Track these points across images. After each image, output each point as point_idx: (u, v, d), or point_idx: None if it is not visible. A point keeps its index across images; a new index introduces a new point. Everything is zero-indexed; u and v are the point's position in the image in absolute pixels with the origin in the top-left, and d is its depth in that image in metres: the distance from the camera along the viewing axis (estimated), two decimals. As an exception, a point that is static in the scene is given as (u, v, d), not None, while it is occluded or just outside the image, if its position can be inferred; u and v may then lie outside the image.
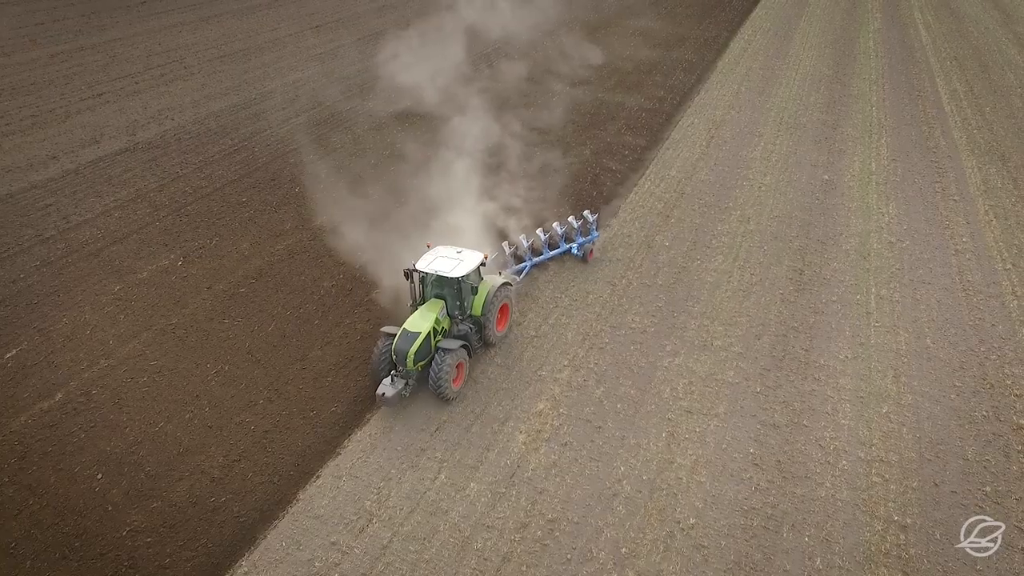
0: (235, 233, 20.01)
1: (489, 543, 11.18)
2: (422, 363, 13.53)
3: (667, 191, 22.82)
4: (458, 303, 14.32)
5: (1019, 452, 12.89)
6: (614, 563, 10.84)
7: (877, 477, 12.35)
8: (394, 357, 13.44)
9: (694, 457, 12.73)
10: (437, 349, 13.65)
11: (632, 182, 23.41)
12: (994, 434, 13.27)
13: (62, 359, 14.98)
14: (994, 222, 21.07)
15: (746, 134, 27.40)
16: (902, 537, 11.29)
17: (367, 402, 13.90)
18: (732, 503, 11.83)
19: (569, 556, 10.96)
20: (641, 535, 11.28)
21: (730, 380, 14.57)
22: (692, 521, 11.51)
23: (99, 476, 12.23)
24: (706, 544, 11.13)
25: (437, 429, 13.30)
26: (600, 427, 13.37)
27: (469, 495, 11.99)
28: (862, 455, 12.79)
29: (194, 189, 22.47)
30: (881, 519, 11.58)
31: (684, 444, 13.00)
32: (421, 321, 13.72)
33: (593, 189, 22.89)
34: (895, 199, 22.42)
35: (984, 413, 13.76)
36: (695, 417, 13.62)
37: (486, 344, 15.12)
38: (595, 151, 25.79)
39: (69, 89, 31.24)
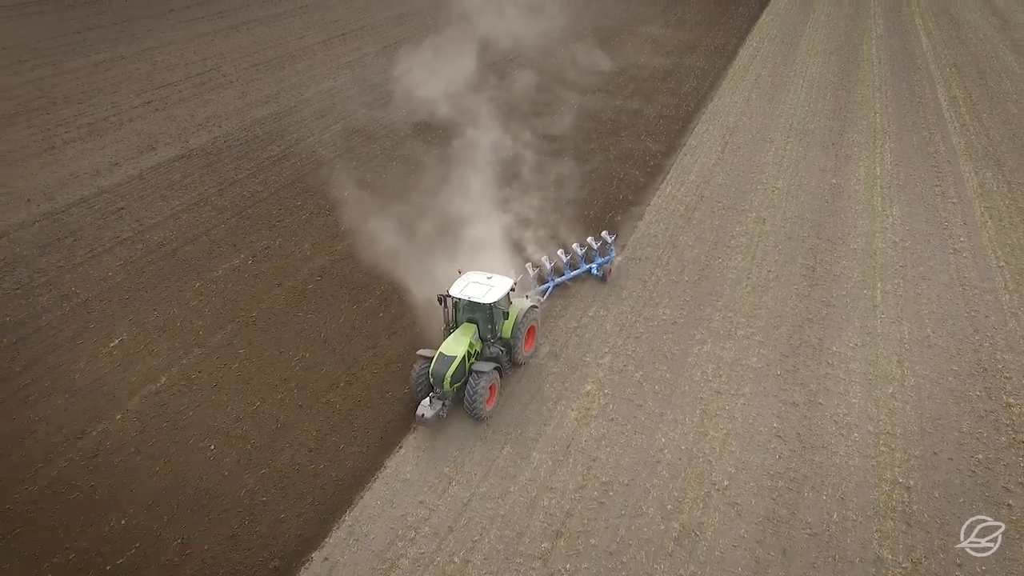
0: (295, 234, 21.90)
1: (553, 502, 13.08)
2: (457, 384, 14.50)
3: (687, 195, 24.71)
4: (489, 326, 15.19)
5: (1007, 426, 14.78)
6: (661, 517, 12.75)
7: (884, 447, 14.25)
8: (431, 380, 14.29)
9: (725, 430, 14.64)
10: (471, 372, 14.55)
11: (654, 187, 25.28)
12: (986, 411, 15.16)
13: (160, 347, 16.89)
14: (989, 223, 22.95)
15: (758, 140, 29.28)
16: (905, 496, 13.19)
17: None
18: (760, 468, 13.74)
19: (622, 512, 12.86)
20: (683, 494, 13.19)
21: (753, 365, 16.47)
22: (726, 483, 13.42)
23: (212, 447, 14.13)
24: (739, 502, 13.03)
25: (499, 409, 15.18)
26: (641, 405, 15.28)
27: (532, 462, 13.90)
28: (871, 428, 14.69)
29: (251, 193, 24.36)
30: (888, 481, 13.48)
31: (715, 419, 14.90)
32: (456, 345, 14.63)
33: (619, 193, 24.80)
34: (898, 202, 24.29)
35: (977, 393, 15.65)
36: (724, 397, 15.52)
37: (515, 364, 15.96)
38: (617, 157, 27.68)
39: (118, 97, 33.09)
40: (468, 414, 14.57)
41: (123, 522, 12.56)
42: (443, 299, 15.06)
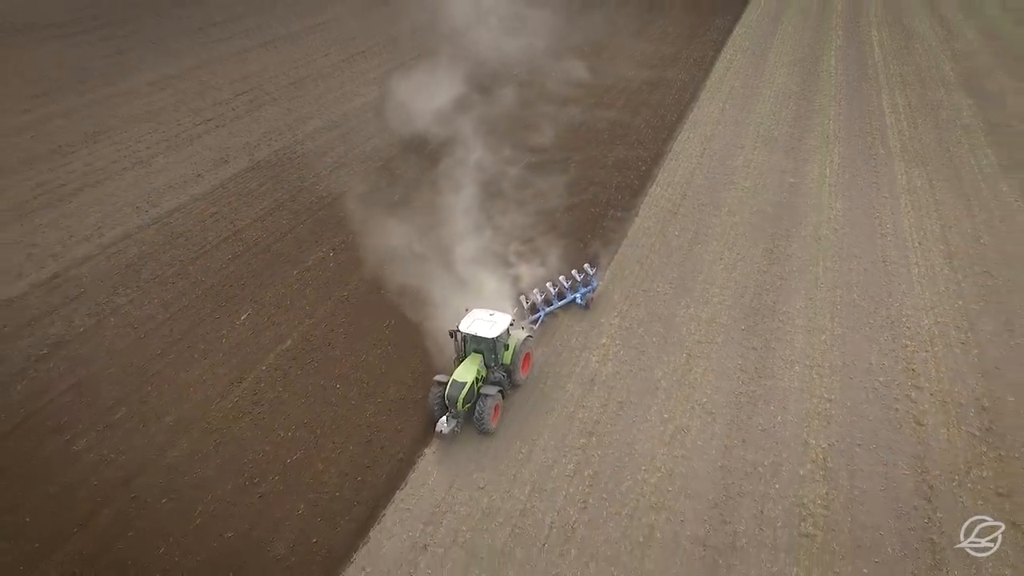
0: (363, 232, 27.15)
1: (585, 415, 18.71)
2: (468, 405, 17.65)
3: (673, 194, 30.44)
4: (493, 356, 18.26)
5: (903, 359, 20.61)
6: (660, 423, 18.42)
7: (815, 375, 20.05)
8: (447, 402, 17.35)
9: (703, 367, 20.37)
10: (479, 394, 17.64)
11: (645, 190, 30.95)
12: (890, 349, 21.03)
13: (279, 319, 22.27)
14: (911, 213, 28.92)
15: (731, 146, 35.07)
16: (827, 406, 18.94)
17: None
18: (728, 391, 19.48)
19: (632, 420, 18.51)
20: (675, 409, 18.89)
21: (723, 322, 22.23)
22: (704, 400, 19.15)
23: (337, 386, 19.58)
24: (713, 412, 18.76)
25: (540, 356, 20.76)
26: (643, 351, 20.96)
27: (567, 391, 19.52)
28: (807, 363, 20.49)
29: (318, 199, 29.66)
30: (816, 397, 19.27)
31: (697, 360, 20.62)
32: (466, 372, 17.74)
33: (617, 195, 30.44)
34: (842, 197, 30.19)
35: (885, 338, 21.53)
36: (702, 344, 21.25)
37: (514, 386, 19.04)
38: (614, 164, 33.32)
39: (179, 115, 38.10)
40: (476, 430, 17.74)
41: (288, 434, 18.02)
42: (454, 333, 18.37)
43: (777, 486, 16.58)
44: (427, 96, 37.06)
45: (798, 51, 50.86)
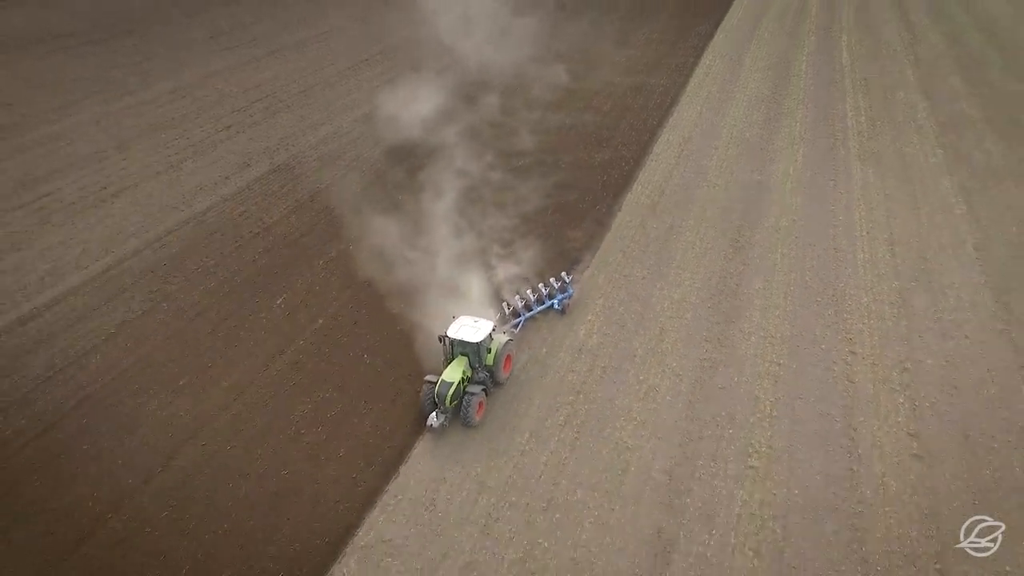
0: (378, 227, 30.49)
1: (574, 377, 22.29)
2: (455, 402, 19.93)
3: (652, 192, 34.08)
4: (477, 358, 20.50)
5: (843, 329, 24.29)
6: (637, 383, 22.02)
7: (768, 345, 23.71)
8: (436, 399, 19.61)
9: (674, 338, 24.01)
10: (465, 393, 19.94)
11: (628, 187, 34.57)
12: (833, 321, 24.71)
13: (310, 302, 25.75)
14: (862, 206, 32.66)
15: (706, 148, 38.75)
16: (777, 368, 22.62)
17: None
18: (694, 358, 23.12)
19: (614, 382, 22.08)
20: (648, 372, 22.49)
21: (693, 301, 25.89)
22: (674, 365, 22.78)
23: (365, 357, 23.11)
24: (680, 374, 22.38)
25: (534, 328, 24.34)
26: (623, 326, 24.59)
27: (559, 358, 23.09)
28: (762, 334, 24.16)
29: (335, 198, 33.05)
30: (768, 362, 22.89)
31: (668, 332, 24.27)
32: (453, 373, 19.92)
33: (603, 192, 34.04)
34: (802, 194, 33.90)
35: (829, 313, 25.22)
36: (674, 320, 24.90)
37: (497, 385, 21.27)
38: (600, 164, 36.94)
39: (200, 123, 41.39)
40: (462, 424, 19.97)
41: (326, 395, 21.54)
42: (442, 338, 20.75)
43: (731, 431, 20.25)
44: (428, 104, 40.52)
45: (772, 56, 54.63)
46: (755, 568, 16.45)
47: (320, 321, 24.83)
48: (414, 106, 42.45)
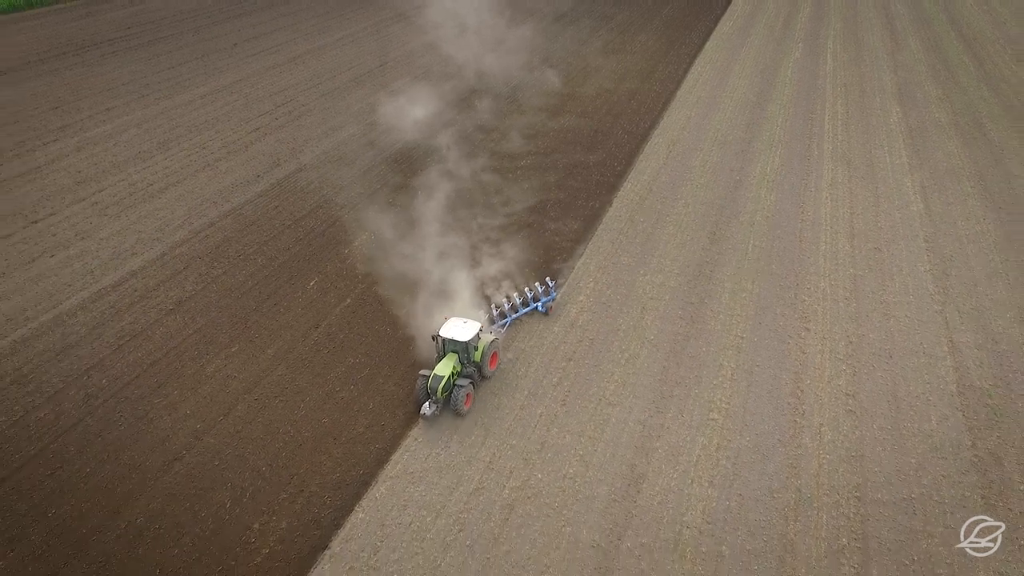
0: (399, 218, 34.48)
1: (566, 347, 26.14)
2: (446, 393, 22.40)
3: (641, 188, 37.89)
4: (466, 355, 23.02)
5: (800, 310, 28.08)
6: (620, 351, 25.85)
7: (734, 322, 27.49)
8: (429, 391, 22.15)
9: (654, 316, 27.84)
10: (455, 385, 22.48)
11: (619, 185, 38.40)
12: (792, 303, 28.46)
13: (339, 284, 29.68)
14: (829, 203, 36.37)
15: (692, 149, 42.50)
16: (740, 341, 26.42)
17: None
18: (670, 332, 26.96)
19: (601, 351, 25.94)
20: (630, 344, 26.33)
21: (671, 285, 29.71)
22: (652, 338, 26.62)
23: (388, 330, 27.03)
24: (658, 346, 26.22)
25: (533, 312, 28.23)
26: (609, 306, 28.44)
27: (554, 332, 26.94)
28: (729, 313, 27.94)
29: (357, 194, 36.98)
30: (734, 336, 26.68)
31: (649, 312, 28.11)
32: (445, 368, 22.47)
33: (597, 189, 37.86)
34: (776, 192, 37.63)
35: (790, 295, 28.96)
36: (655, 300, 28.73)
37: (484, 378, 23.86)
38: (596, 163, 40.75)
39: (232, 124, 45.39)
40: (452, 413, 22.63)
41: (357, 360, 25.47)
42: (435, 337, 23.36)
43: (696, 391, 24.10)
44: (438, 108, 44.47)
45: (760, 62, 58.23)
46: (709, 496, 20.30)
47: (348, 300, 28.80)
48: (420, 111, 46.35)
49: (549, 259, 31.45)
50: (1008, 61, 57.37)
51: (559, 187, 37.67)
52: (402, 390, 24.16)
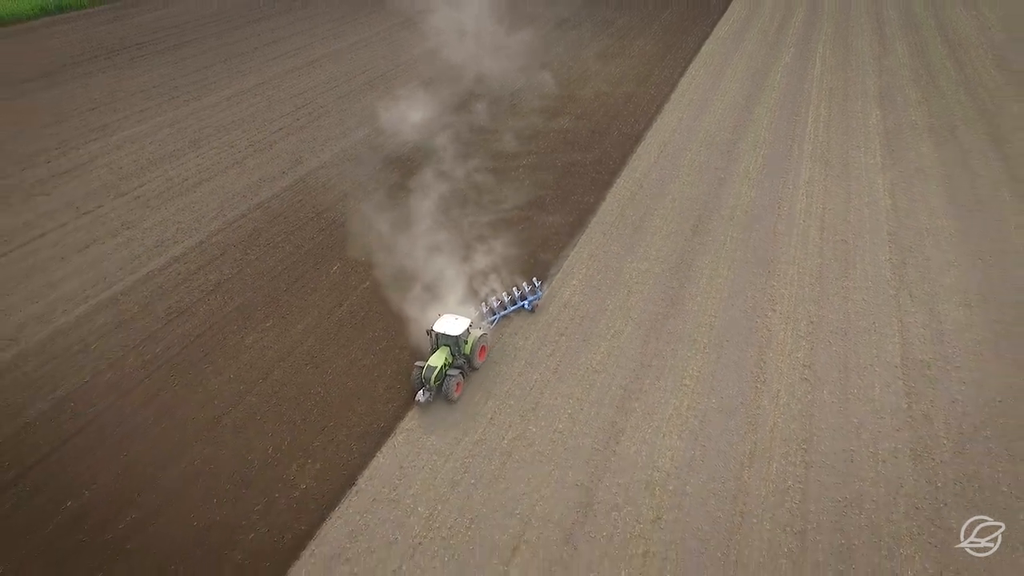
0: (416, 208, 37.90)
1: (560, 324, 29.69)
2: (438, 382, 24.82)
3: (632, 185, 41.35)
4: (457, 348, 25.42)
5: (769, 294, 31.49)
6: (606, 328, 29.39)
7: (709, 303, 30.92)
8: (423, 379, 24.58)
9: (638, 298, 31.31)
10: (446, 375, 24.95)
11: (613, 182, 41.86)
12: (763, 288, 31.84)
13: (359, 269, 33.30)
14: (804, 199, 39.71)
15: (681, 149, 45.91)
16: (713, 319, 29.89)
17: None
18: (652, 312, 30.44)
19: (591, 327, 29.45)
20: (616, 321, 29.84)
21: (655, 271, 33.19)
22: (635, 316, 30.13)
23: (403, 306, 30.64)
24: (642, 325, 29.73)
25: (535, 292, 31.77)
26: (599, 289, 31.95)
27: (550, 312, 30.47)
28: (705, 295, 31.39)
29: (373, 189, 40.58)
30: (708, 315, 30.15)
31: (634, 294, 31.57)
32: (437, 359, 24.87)
33: (593, 185, 41.34)
34: (756, 188, 40.98)
35: (761, 281, 32.35)
36: (639, 284, 32.21)
37: (472, 369, 26.38)
38: (592, 161, 44.23)
39: (257, 125, 49.12)
40: (444, 399, 25.25)
41: (376, 334, 29.05)
42: (429, 332, 25.83)
43: (672, 362, 27.59)
44: (441, 111, 48.02)
45: (752, 67, 61.46)
46: (677, 446, 23.81)
47: (367, 283, 32.45)
48: (426, 114, 49.84)
49: (546, 248, 35.00)
50: (988, 66, 60.36)
51: (556, 184, 41.19)
52: (416, 359, 27.80)
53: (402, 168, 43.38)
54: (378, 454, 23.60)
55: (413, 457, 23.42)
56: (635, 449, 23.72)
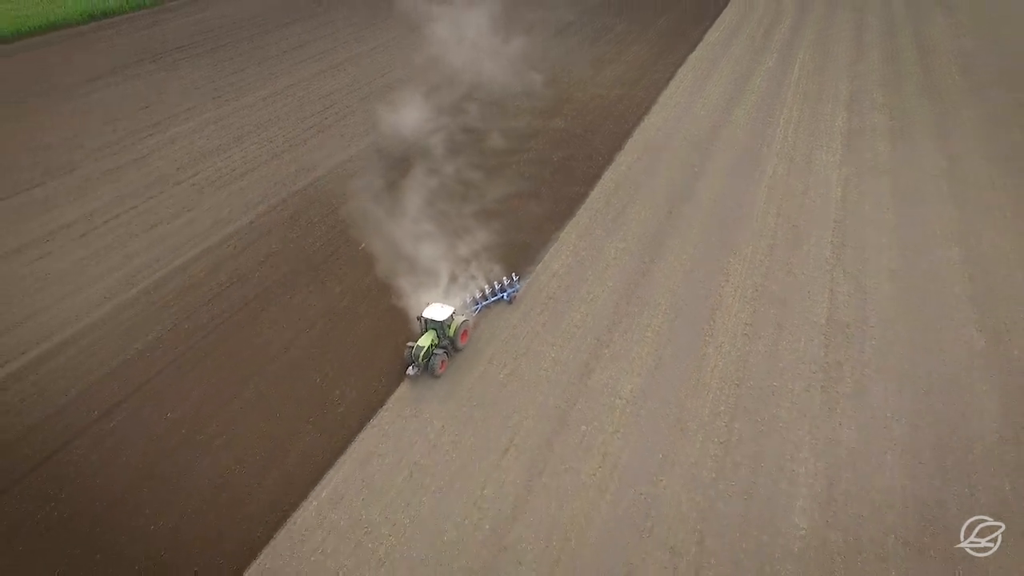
0: (433, 201, 44.48)
1: (548, 289, 36.03)
2: (426, 360, 29.05)
3: (618, 177, 47.63)
4: (442, 331, 29.39)
5: (723, 269, 37.74)
6: (587, 293, 35.75)
7: (674, 274, 37.24)
8: (412, 357, 28.81)
9: (614, 271, 37.64)
10: (432, 354, 29.11)
11: (600, 174, 48.11)
12: (720, 265, 38.03)
13: (385, 246, 39.85)
14: (766, 191, 45.79)
15: (663, 147, 52.07)
16: (675, 286, 36.20)
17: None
18: (626, 281, 36.75)
19: (574, 292, 35.83)
20: (595, 289, 36.21)
21: (631, 250, 39.47)
22: (611, 285, 36.46)
23: (422, 279, 37.13)
24: (616, 290, 36.09)
25: (529, 262, 38.18)
26: (582, 262, 38.30)
27: (540, 280, 36.90)
28: (671, 270, 37.66)
29: (397, 178, 47.03)
30: (672, 282, 36.48)
31: (611, 267, 37.87)
32: (425, 340, 28.97)
33: (583, 176, 47.66)
34: (725, 180, 47.03)
35: (719, 257, 38.60)
36: (617, 259, 38.51)
37: (456, 351, 30.63)
38: (585, 155, 50.53)
39: (291, 123, 55.77)
40: (430, 375, 29.54)
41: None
42: (419, 318, 30.08)
43: (639, 320, 33.90)
44: (439, 112, 54.37)
45: (736, 72, 67.35)
46: (636, 382, 30.13)
47: (391, 257, 39.02)
48: (427, 114, 55.95)
49: (541, 230, 41.34)
50: (953, 72, 65.92)
51: (551, 177, 47.55)
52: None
53: (425, 161, 49.84)
54: (400, 386, 30.11)
55: (430, 385, 29.95)
56: (603, 383, 30.15)
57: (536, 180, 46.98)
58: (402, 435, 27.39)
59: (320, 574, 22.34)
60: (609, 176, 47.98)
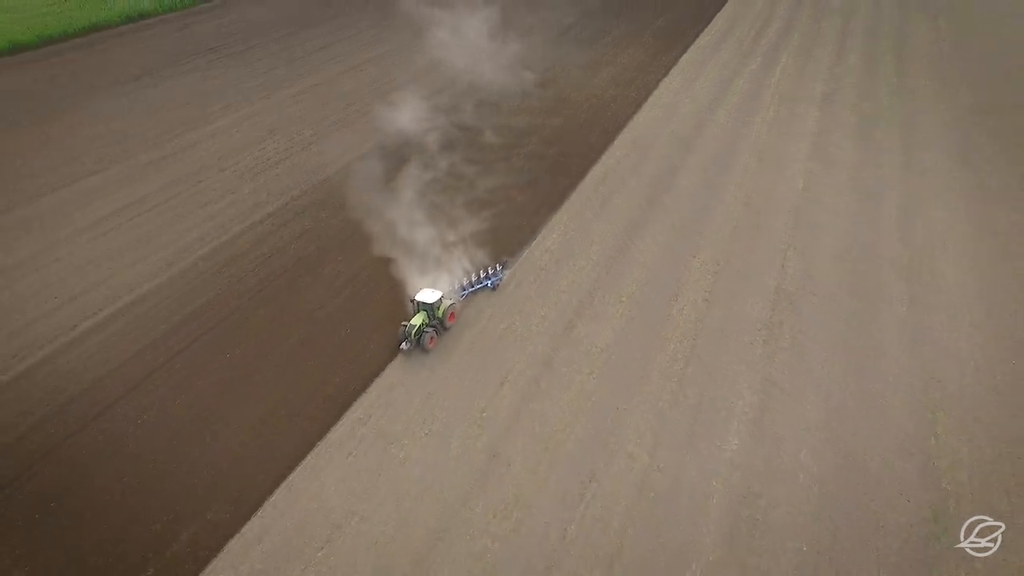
0: (451, 193, 50.80)
1: (542, 262, 42.36)
2: (417, 337, 32.48)
3: (606, 170, 53.74)
4: (431, 312, 32.94)
5: (692, 247, 43.80)
6: (574, 265, 42.01)
7: (648, 252, 43.34)
8: (405, 334, 32.34)
9: (598, 248, 43.82)
10: (423, 331, 32.62)
11: (590, 168, 54.20)
12: (691, 243, 44.22)
13: (402, 228, 46.26)
14: (737, 183, 51.73)
15: (649, 144, 58.08)
16: (650, 261, 42.37)
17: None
18: (606, 256, 42.95)
19: (563, 266, 42.10)
20: (580, 261, 42.42)
21: (614, 231, 45.60)
22: (595, 259, 42.69)
23: (437, 251, 43.49)
24: (599, 264, 42.33)
25: (527, 242, 44.45)
26: (572, 241, 44.45)
27: (535, 254, 43.17)
28: (646, 248, 43.80)
29: (418, 169, 53.31)
30: (647, 258, 42.65)
31: (595, 244, 44.02)
32: (417, 320, 32.57)
33: (575, 171, 53.80)
34: (701, 173, 53.04)
35: (690, 237, 44.69)
36: (601, 238, 44.64)
37: (445, 330, 34.38)
38: (577, 152, 56.67)
39: (318, 118, 62.23)
40: (420, 350, 33.28)
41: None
42: (412, 300, 33.68)
43: (615, 288, 40.08)
44: (438, 112, 60.55)
45: (723, 74, 73.18)
46: (610, 337, 36.31)
47: (407, 234, 45.41)
48: (427, 114, 62.06)
49: (537, 214, 47.54)
50: (925, 76, 71.53)
51: (548, 170, 53.75)
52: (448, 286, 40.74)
53: (445, 157, 56.17)
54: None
55: (439, 338, 36.36)
56: (582, 336, 36.41)
57: (532, 173, 53.17)
58: (419, 371, 33.79)
59: (352, 471, 28.80)
60: (598, 169, 54.10)
